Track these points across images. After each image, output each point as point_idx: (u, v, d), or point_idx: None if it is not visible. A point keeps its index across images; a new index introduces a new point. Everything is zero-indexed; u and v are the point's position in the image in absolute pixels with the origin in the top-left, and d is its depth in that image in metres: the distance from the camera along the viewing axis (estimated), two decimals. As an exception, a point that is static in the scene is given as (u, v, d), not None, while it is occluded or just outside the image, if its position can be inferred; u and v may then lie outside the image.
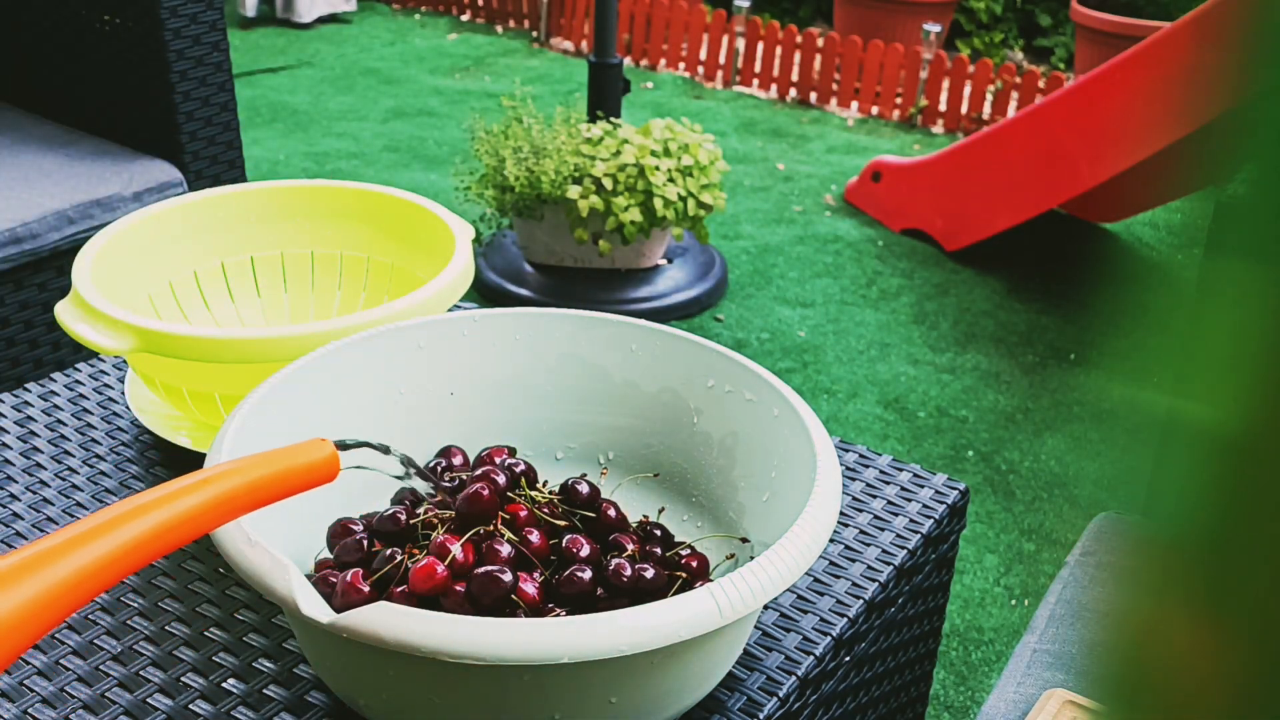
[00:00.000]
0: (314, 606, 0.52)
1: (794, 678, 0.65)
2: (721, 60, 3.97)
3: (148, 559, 0.49)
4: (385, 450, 0.62)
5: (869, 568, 0.75)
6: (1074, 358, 2.32)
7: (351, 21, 4.56)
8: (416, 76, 3.96)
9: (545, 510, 0.67)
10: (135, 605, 0.70)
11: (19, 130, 1.67)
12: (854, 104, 3.78)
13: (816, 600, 0.72)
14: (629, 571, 0.62)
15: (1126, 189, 2.60)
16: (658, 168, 2.25)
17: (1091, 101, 2.42)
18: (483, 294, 2.41)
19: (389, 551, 0.62)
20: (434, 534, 0.63)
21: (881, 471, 0.84)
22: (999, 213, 2.61)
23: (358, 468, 0.61)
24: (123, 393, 0.91)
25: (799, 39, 3.81)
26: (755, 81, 3.95)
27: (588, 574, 0.62)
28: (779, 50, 3.87)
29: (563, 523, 0.67)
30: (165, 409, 0.84)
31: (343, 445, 0.59)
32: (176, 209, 0.92)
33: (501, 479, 0.67)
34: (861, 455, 0.86)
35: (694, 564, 0.67)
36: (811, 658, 0.67)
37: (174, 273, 0.91)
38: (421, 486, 0.69)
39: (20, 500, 0.79)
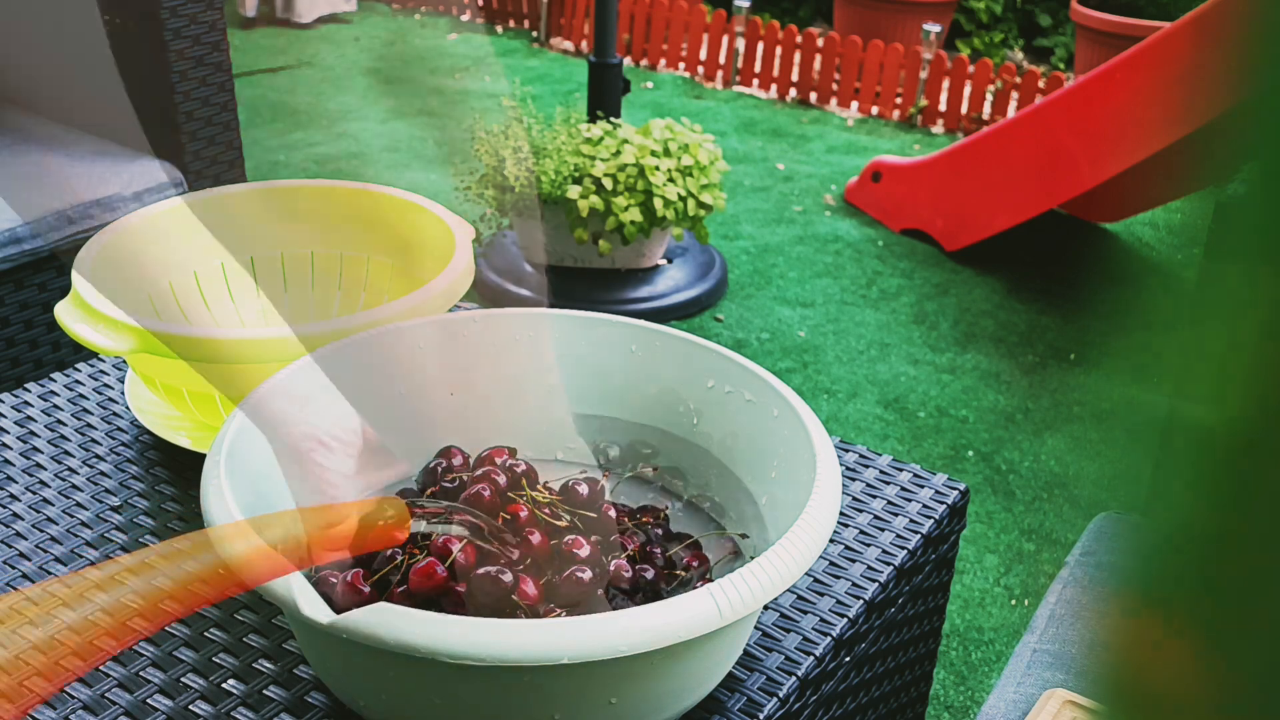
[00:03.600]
0: (314, 607, 0.52)
1: (794, 678, 0.65)
2: (721, 60, 3.97)
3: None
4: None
5: (869, 568, 0.75)
6: (1074, 358, 2.32)
7: (351, 21, 4.56)
8: (416, 76, 3.96)
9: (545, 511, 0.67)
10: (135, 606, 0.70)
11: (19, 130, 1.67)
12: (854, 104, 3.78)
13: (816, 600, 0.72)
14: (629, 572, 0.62)
15: (1126, 189, 2.60)
16: (658, 168, 2.25)
17: (1091, 101, 2.42)
18: (483, 294, 2.41)
19: (389, 551, 0.62)
20: (434, 534, 0.63)
21: (881, 471, 0.84)
22: (999, 213, 2.61)
23: None
24: (123, 393, 0.91)
25: (799, 39, 3.80)
26: (755, 81, 3.94)
27: (588, 574, 0.62)
28: (779, 50, 3.87)
29: (563, 523, 0.67)
30: (165, 409, 0.84)
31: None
32: (176, 209, 0.92)
33: (502, 479, 0.67)
34: (861, 455, 0.86)
35: (694, 564, 0.67)
36: (811, 658, 0.67)
37: (174, 273, 0.91)
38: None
39: (20, 500, 0.79)
